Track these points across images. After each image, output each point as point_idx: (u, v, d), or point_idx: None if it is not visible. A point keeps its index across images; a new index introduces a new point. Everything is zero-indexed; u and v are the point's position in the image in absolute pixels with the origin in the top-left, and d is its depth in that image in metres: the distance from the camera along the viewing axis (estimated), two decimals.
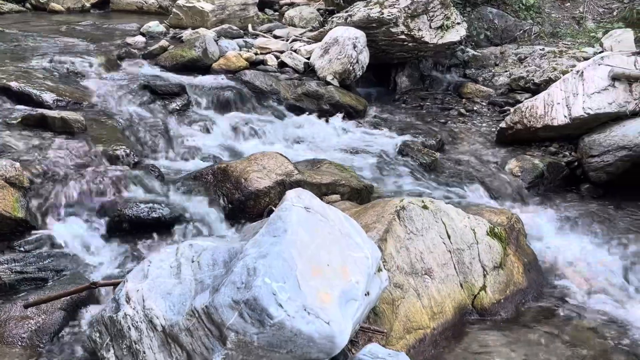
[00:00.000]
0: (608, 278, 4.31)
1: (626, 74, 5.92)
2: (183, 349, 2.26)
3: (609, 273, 4.35)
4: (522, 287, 4.08)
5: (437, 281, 3.72)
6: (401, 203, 3.86)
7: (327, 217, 2.70)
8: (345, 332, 2.30)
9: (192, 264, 2.49)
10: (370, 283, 2.74)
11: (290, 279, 2.26)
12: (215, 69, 6.89)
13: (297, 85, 6.79)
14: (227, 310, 2.17)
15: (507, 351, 3.52)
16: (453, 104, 7.74)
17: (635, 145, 5.60)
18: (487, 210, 4.53)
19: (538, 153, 6.16)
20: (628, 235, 4.80)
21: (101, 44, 7.29)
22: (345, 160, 5.52)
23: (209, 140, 5.47)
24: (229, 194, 4.29)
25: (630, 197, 5.55)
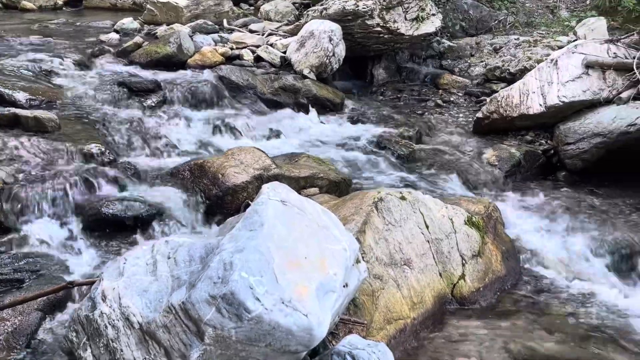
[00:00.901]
0: (585, 264, 4.37)
1: (599, 61, 5.98)
2: (161, 346, 2.24)
3: (586, 259, 4.40)
4: (500, 275, 4.11)
5: (416, 271, 3.73)
6: (379, 195, 3.87)
7: (304, 210, 2.70)
8: (324, 324, 2.30)
9: (168, 261, 2.47)
10: (348, 275, 2.74)
11: (268, 272, 2.25)
12: (191, 65, 6.84)
13: (274, 80, 6.77)
14: (204, 305, 2.16)
15: (487, 339, 3.55)
16: (430, 95, 7.76)
17: (609, 132, 5.66)
18: (464, 200, 4.56)
19: (514, 142, 6.21)
20: (604, 221, 4.86)
21: (74, 42, 7.22)
22: (323, 154, 5.52)
23: (186, 136, 5.44)
24: (207, 189, 4.27)
25: (605, 183, 5.62)
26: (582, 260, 4.40)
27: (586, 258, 4.42)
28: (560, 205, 5.17)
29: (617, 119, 5.67)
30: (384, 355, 2.42)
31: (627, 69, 5.87)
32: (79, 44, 7.15)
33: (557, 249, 4.49)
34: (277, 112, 6.38)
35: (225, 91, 6.35)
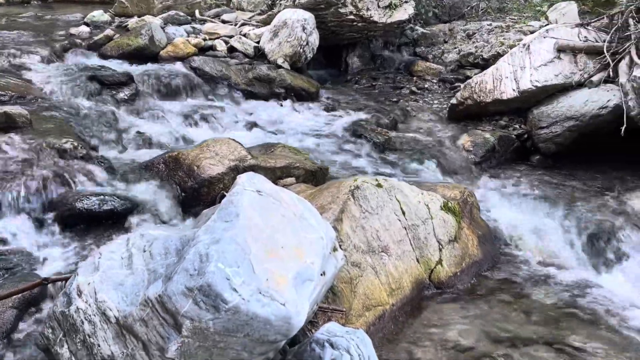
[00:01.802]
0: (559, 246, 4.42)
1: (570, 45, 6.04)
2: (138, 340, 2.23)
3: (560, 241, 4.46)
4: (477, 259, 4.15)
5: (394, 258, 3.75)
6: (355, 183, 3.87)
7: (280, 199, 2.69)
8: (302, 312, 2.31)
9: (144, 254, 2.45)
10: (326, 263, 2.75)
11: (244, 263, 2.25)
12: (163, 57, 6.79)
13: (248, 70, 6.73)
14: (181, 297, 2.15)
15: (465, 322, 3.58)
16: (404, 82, 7.79)
17: (581, 115, 5.74)
18: (440, 186, 4.59)
19: (489, 127, 6.26)
20: (577, 203, 4.93)
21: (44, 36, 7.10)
22: (299, 143, 5.51)
23: (160, 128, 5.39)
24: (182, 182, 4.24)
25: (578, 166, 5.70)
26: (557, 242, 4.46)
27: (561, 240, 4.48)
28: (535, 188, 5.23)
29: (588, 102, 5.74)
30: (362, 341, 2.43)
31: (597, 53, 5.94)
32: (48, 37, 7.04)
33: (532, 232, 4.54)
34: (252, 103, 6.36)
35: (199, 82, 6.31)
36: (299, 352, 2.42)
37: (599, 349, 3.36)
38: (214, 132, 5.55)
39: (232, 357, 2.22)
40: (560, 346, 3.38)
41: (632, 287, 4.00)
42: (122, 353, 2.25)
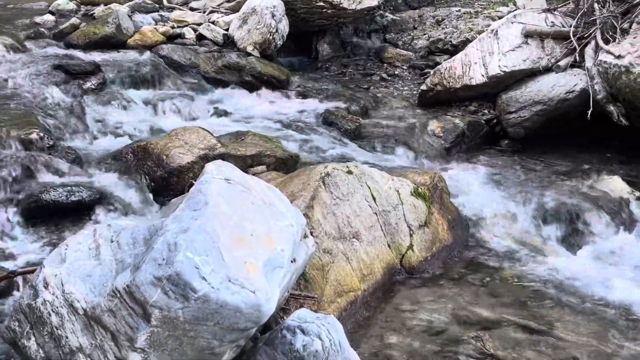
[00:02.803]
0: (528, 229, 4.49)
1: (538, 30, 6.10)
2: (107, 330, 2.21)
3: (529, 224, 4.53)
4: (447, 244, 4.19)
5: (365, 244, 3.77)
6: (326, 170, 3.88)
7: (250, 187, 2.68)
8: (272, 299, 2.31)
9: (112, 244, 2.42)
10: (296, 250, 2.75)
11: (213, 251, 2.24)
12: (131, 45, 6.69)
13: (217, 58, 6.68)
14: (150, 287, 2.13)
15: (436, 306, 3.62)
16: (375, 69, 7.80)
17: (549, 99, 5.81)
18: (410, 172, 4.61)
19: (458, 113, 6.30)
20: (546, 187, 5.00)
21: (7, 25, 6.94)
22: (270, 131, 5.50)
23: (128, 118, 5.33)
24: (151, 171, 4.21)
25: (546, 150, 5.78)
26: (526, 225, 4.53)
27: (530, 223, 4.55)
28: (504, 172, 5.30)
29: (556, 86, 5.82)
30: (333, 326, 2.44)
31: (564, 38, 6.01)
32: (12, 26, 6.89)
33: (501, 216, 4.60)
34: (222, 91, 6.32)
35: (167, 71, 6.25)
36: (270, 339, 2.42)
37: (566, 328, 3.43)
38: (183, 121, 5.51)
39: (202, 345, 2.22)
40: (529, 327, 3.44)
41: (598, 267, 4.08)
42: (91, 344, 2.23)
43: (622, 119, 5.37)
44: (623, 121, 5.37)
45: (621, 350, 3.25)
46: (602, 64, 5.33)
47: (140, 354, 2.19)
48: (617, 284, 3.85)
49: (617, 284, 3.85)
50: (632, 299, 3.70)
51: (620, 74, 5.08)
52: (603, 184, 4.88)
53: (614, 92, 5.36)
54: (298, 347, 2.35)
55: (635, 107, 5.20)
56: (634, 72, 4.90)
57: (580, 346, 3.27)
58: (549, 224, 4.53)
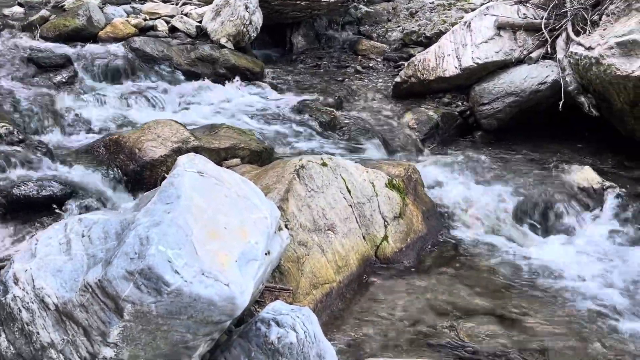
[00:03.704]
0: (501, 219, 4.53)
1: (510, 22, 6.15)
2: (79, 326, 2.19)
3: (502, 215, 4.57)
4: (422, 235, 4.22)
5: (340, 236, 3.78)
6: (300, 162, 3.87)
7: (223, 180, 2.67)
8: (247, 292, 2.30)
9: (83, 239, 2.40)
10: (270, 242, 2.75)
11: (186, 244, 2.23)
12: (102, 38, 6.60)
13: (190, 50, 6.62)
14: (122, 281, 2.12)
15: (411, 296, 3.65)
16: (349, 61, 7.80)
17: (521, 90, 5.86)
18: (385, 163, 4.63)
19: (432, 105, 6.33)
20: (518, 177, 5.05)
21: None
22: (244, 124, 5.47)
23: (100, 111, 5.26)
24: (123, 165, 4.17)
25: (519, 141, 5.84)
26: (499, 215, 4.57)
27: (503, 213, 4.59)
28: (478, 164, 5.33)
29: (528, 78, 5.87)
30: (307, 318, 2.44)
31: (536, 29, 6.06)
32: None
33: (475, 206, 4.63)
34: (195, 83, 6.27)
35: (139, 64, 6.18)
36: (245, 331, 2.42)
37: (538, 316, 3.48)
38: (156, 114, 5.44)
39: (176, 339, 2.21)
40: (502, 315, 3.50)
41: (569, 256, 4.13)
42: (63, 340, 2.21)
43: (593, 110, 5.44)
44: (593, 112, 5.43)
45: (592, 338, 3.30)
46: (573, 56, 5.39)
47: (112, 348, 2.17)
48: (587, 273, 3.91)
49: (588, 272, 3.92)
50: (602, 286, 3.77)
51: (590, 66, 5.14)
52: (574, 174, 4.94)
53: (584, 84, 5.43)
54: (273, 340, 2.35)
55: (605, 98, 5.27)
56: (604, 64, 4.96)
57: (552, 334, 3.32)
58: (522, 214, 4.58)
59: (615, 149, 5.50)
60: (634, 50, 4.76)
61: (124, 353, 2.18)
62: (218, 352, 2.42)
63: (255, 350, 2.35)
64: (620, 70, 4.83)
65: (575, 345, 3.23)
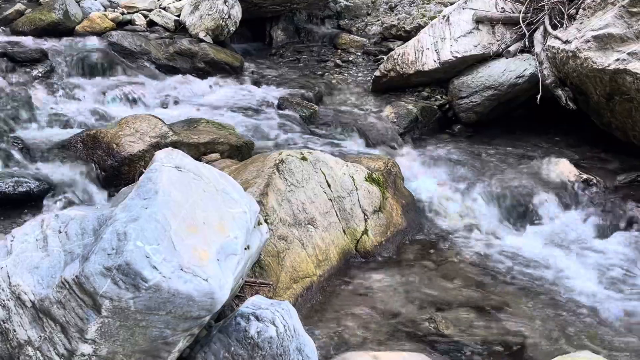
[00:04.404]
0: (480, 212, 4.57)
1: (488, 16, 6.19)
2: (56, 322, 2.17)
3: (481, 207, 4.61)
4: (401, 228, 4.24)
5: (320, 230, 3.78)
6: (280, 156, 3.87)
7: (201, 175, 2.66)
8: (226, 287, 2.29)
9: (60, 235, 2.37)
10: (250, 237, 2.74)
11: (165, 240, 2.21)
12: (80, 32, 6.54)
13: (169, 44, 6.58)
14: (99, 277, 2.10)
15: (390, 289, 3.67)
16: (329, 55, 7.80)
17: (500, 84, 5.90)
18: (365, 157, 4.64)
19: (412, 99, 6.35)
20: (497, 170, 5.10)
21: None
22: (224, 118, 5.45)
23: (77, 106, 5.21)
24: (101, 161, 4.14)
25: (497, 134, 5.88)
26: (478, 208, 4.60)
27: (482, 206, 4.62)
28: (457, 157, 5.37)
29: (506, 71, 5.91)
30: (287, 312, 2.45)
31: (514, 23, 6.10)
32: None
33: (454, 200, 4.67)
34: (174, 78, 6.24)
35: (117, 58, 6.13)
36: (224, 326, 2.41)
37: (517, 307, 3.52)
38: (135, 109, 5.41)
39: (155, 335, 2.19)
40: (481, 307, 3.53)
41: (547, 248, 4.19)
42: (40, 337, 2.19)
43: (570, 103, 5.49)
44: (571, 105, 5.49)
45: (569, 327, 3.35)
46: (550, 49, 5.44)
47: (91, 345, 2.15)
48: (564, 264, 3.97)
49: (565, 263, 3.98)
50: (579, 278, 3.82)
51: (567, 59, 5.19)
52: (551, 167, 4.99)
53: (561, 77, 5.48)
54: (252, 334, 2.35)
55: (582, 91, 5.33)
56: (581, 57, 5.00)
57: (530, 325, 3.36)
58: (501, 207, 4.62)
59: (592, 142, 5.57)
60: (609, 44, 4.82)
61: (102, 349, 2.17)
62: (198, 348, 2.42)
63: (235, 344, 2.35)
64: (597, 64, 4.88)
65: (553, 335, 3.27)
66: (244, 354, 2.34)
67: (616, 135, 5.34)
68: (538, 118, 5.83)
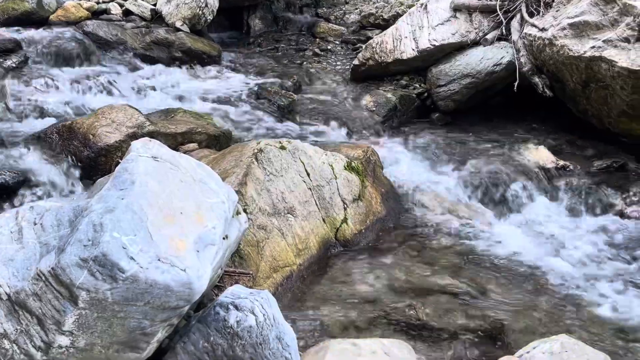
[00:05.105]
0: (459, 199, 4.60)
1: (466, 4, 6.19)
2: (33, 315, 2.15)
3: (460, 194, 4.64)
4: (381, 216, 4.25)
5: (300, 219, 3.78)
6: (258, 146, 3.86)
7: (178, 165, 2.64)
8: (204, 277, 2.29)
9: (35, 227, 2.34)
10: (228, 227, 2.73)
11: (141, 230, 2.19)
12: (54, 21, 6.43)
13: (145, 34, 6.50)
14: (76, 269, 2.08)
15: (370, 277, 3.68)
16: (307, 44, 7.77)
17: (477, 72, 5.92)
18: (344, 146, 4.65)
19: (390, 87, 6.34)
20: (475, 157, 5.13)
21: None
22: (202, 108, 5.41)
23: (53, 97, 5.13)
24: (77, 152, 4.09)
25: (475, 121, 5.91)
26: (457, 195, 4.64)
27: (460, 193, 4.66)
28: (435, 145, 5.39)
29: (484, 59, 5.93)
30: (266, 301, 2.44)
31: (491, 11, 6.12)
32: None
33: (433, 187, 4.69)
34: (151, 67, 6.17)
35: (93, 48, 6.05)
36: (203, 316, 2.40)
37: (495, 294, 3.56)
38: (111, 99, 5.33)
39: (133, 326, 2.18)
40: (460, 294, 3.55)
41: (525, 234, 4.23)
42: (16, 330, 2.16)
43: (547, 91, 5.53)
44: (547, 92, 5.53)
45: (546, 313, 3.39)
46: (527, 37, 5.47)
47: (68, 337, 2.13)
48: (542, 249, 4.02)
49: (542, 248, 4.02)
50: (556, 263, 3.87)
51: (544, 47, 5.22)
52: (529, 154, 5.04)
53: (538, 64, 5.52)
54: (232, 323, 2.35)
55: (559, 78, 5.37)
56: (557, 45, 5.04)
57: (508, 310, 3.39)
58: (479, 194, 4.66)
59: (569, 129, 5.62)
60: (585, 31, 4.86)
61: (79, 341, 2.15)
62: (177, 338, 2.41)
63: (214, 334, 2.35)
64: (573, 51, 4.92)
65: (531, 320, 3.31)
66: (223, 344, 2.33)
67: (592, 122, 5.40)
68: (516, 106, 5.87)
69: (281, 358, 2.36)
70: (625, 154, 5.11)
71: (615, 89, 4.83)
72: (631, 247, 4.12)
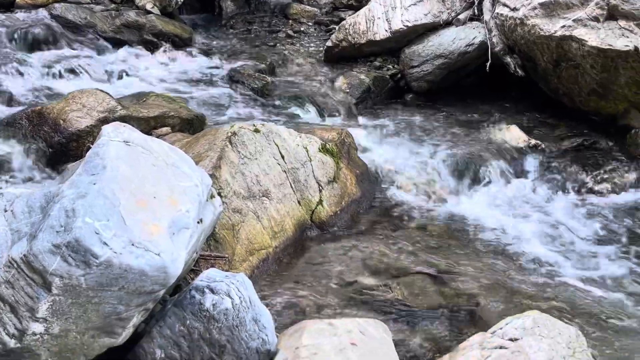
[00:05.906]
0: (432, 179, 4.63)
1: None
2: (5, 302, 2.12)
3: (433, 174, 4.67)
4: (356, 198, 4.27)
5: (275, 201, 3.78)
6: (232, 129, 3.84)
7: (151, 149, 2.62)
8: (178, 261, 2.28)
9: (5, 214, 2.32)
10: (202, 210, 2.72)
11: (114, 215, 2.18)
12: (21, 5, 6.32)
13: (115, 17, 6.41)
14: (48, 255, 2.06)
15: (346, 258, 3.71)
16: (280, 26, 7.71)
17: (450, 52, 5.94)
18: (318, 128, 4.64)
19: (364, 68, 6.34)
20: (448, 138, 5.16)
21: None
22: (174, 91, 5.37)
23: (20, 83, 5.05)
24: (48, 137, 4.03)
25: (448, 102, 5.94)
26: (430, 175, 4.66)
27: (434, 173, 4.69)
28: (409, 126, 5.41)
29: (456, 39, 5.95)
30: (242, 284, 2.45)
31: None
32: None
33: (407, 167, 4.71)
34: (121, 51, 6.09)
35: (61, 32, 5.95)
36: (179, 300, 2.40)
37: (469, 272, 3.60)
38: (82, 83, 5.25)
39: (108, 311, 2.18)
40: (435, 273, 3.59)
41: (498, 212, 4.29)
42: None
43: (519, 70, 5.58)
44: (519, 72, 5.58)
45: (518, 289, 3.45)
46: (498, 17, 5.50)
47: (42, 323, 2.12)
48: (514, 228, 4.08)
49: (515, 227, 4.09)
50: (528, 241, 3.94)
51: (515, 26, 5.26)
52: (502, 133, 5.09)
53: (510, 44, 5.56)
54: (208, 307, 2.35)
55: (530, 58, 5.42)
56: (528, 24, 5.08)
57: (482, 289, 3.44)
58: (453, 173, 4.69)
59: (541, 108, 5.68)
60: (556, 11, 4.90)
61: (54, 328, 2.14)
62: (153, 322, 2.40)
63: (191, 317, 2.35)
64: (544, 31, 4.96)
65: (504, 297, 3.36)
66: (199, 327, 2.34)
67: (563, 101, 5.46)
68: (489, 85, 5.91)
69: (258, 340, 2.37)
70: (596, 133, 5.19)
71: (585, 67, 4.89)
72: (602, 223, 4.20)
